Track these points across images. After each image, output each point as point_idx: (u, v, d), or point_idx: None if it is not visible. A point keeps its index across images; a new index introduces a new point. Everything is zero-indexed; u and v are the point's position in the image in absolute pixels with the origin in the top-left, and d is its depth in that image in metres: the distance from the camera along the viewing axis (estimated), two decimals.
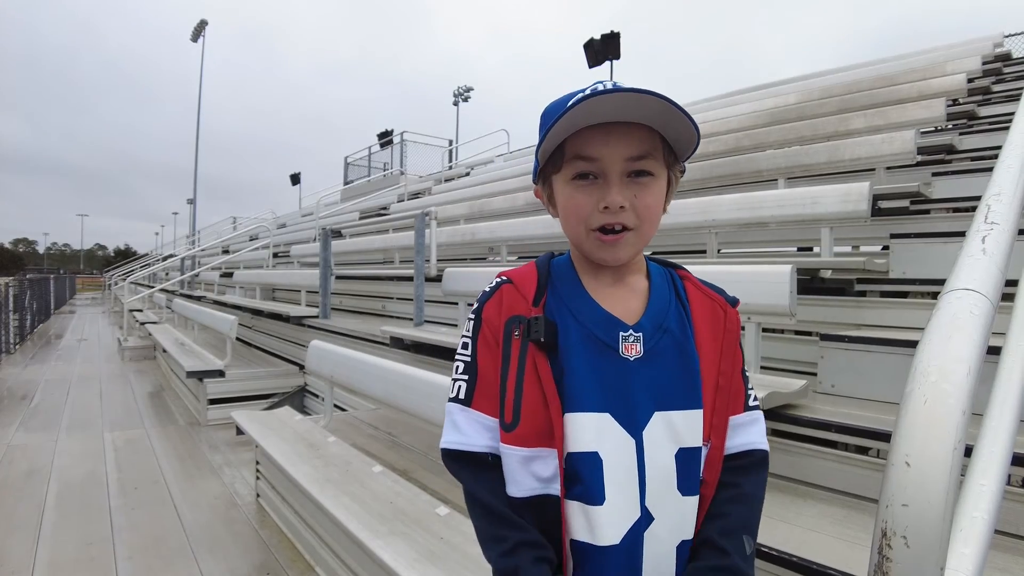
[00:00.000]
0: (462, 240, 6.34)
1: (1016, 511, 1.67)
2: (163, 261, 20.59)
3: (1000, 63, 6.69)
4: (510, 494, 0.82)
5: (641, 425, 0.80)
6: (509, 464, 0.82)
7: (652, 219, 0.84)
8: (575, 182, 0.83)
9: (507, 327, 0.85)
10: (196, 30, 35.26)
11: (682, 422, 0.82)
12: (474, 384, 0.86)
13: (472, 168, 14.62)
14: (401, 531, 2.13)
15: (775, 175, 4.49)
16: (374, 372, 3.24)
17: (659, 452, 0.80)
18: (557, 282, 0.88)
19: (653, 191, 0.83)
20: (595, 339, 0.83)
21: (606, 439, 0.79)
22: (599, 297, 0.86)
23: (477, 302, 0.90)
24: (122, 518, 3.49)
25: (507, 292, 0.88)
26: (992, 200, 0.96)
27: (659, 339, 0.84)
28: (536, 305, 0.85)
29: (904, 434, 0.58)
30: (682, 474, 0.81)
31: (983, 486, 0.84)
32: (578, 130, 0.80)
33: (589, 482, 0.79)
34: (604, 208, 0.80)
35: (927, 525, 0.53)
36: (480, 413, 0.85)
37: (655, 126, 0.80)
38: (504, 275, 0.91)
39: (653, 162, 0.82)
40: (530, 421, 0.80)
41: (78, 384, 7.65)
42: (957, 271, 0.80)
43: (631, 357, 0.82)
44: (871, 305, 2.93)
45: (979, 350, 0.65)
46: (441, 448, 0.87)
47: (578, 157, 0.81)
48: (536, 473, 0.81)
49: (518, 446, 0.81)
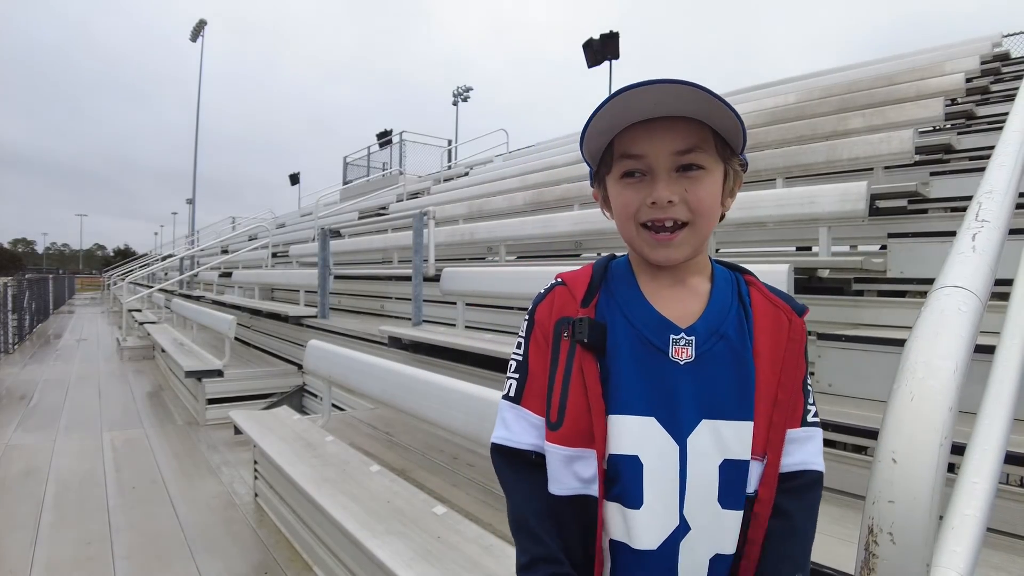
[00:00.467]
0: (461, 240, 6.34)
1: (1012, 510, 1.67)
2: (162, 261, 20.59)
3: (998, 63, 6.69)
4: (552, 492, 0.82)
5: (686, 432, 0.78)
6: (552, 462, 0.82)
7: (707, 213, 0.81)
8: (624, 180, 0.83)
9: (556, 328, 0.85)
10: (195, 30, 35.25)
11: (730, 433, 0.79)
12: (524, 383, 0.87)
13: (471, 168, 14.64)
14: (398, 530, 2.13)
15: (773, 174, 4.49)
16: (372, 372, 3.24)
17: (703, 461, 0.78)
18: (613, 283, 0.88)
19: (706, 184, 0.81)
20: (645, 341, 0.81)
21: (648, 443, 0.78)
22: (655, 299, 0.85)
23: (531, 303, 0.91)
24: (120, 518, 3.49)
25: (559, 294, 0.88)
26: (984, 198, 0.96)
27: (713, 344, 0.81)
28: (586, 306, 0.85)
29: (891, 430, 0.58)
30: (724, 486, 0.78)
31: (975, 484, 0.84)
32: (624, 128, 0.80)
33: (628, 485, 0.78)
34: (652, 204, 0.79)
35: (913, 521, 0.54)
36: (528, 411, 0.86)
37: (700, 118, 0.79)
38: (559, 276, 0.91)
39: (703, 155, 0.80)
40: (574, 422, 0.80)
41: (77, 384, 7.66)
42: (947, 268, 0.80)
43: (681, 361, 0.80)
44: (868, 304, 2.93)
45: (967, 347, 0.65)
46: (491, 442, 0.89)
47: (624, 155, 0.81)
48: (577, 473, 0.81)
49: (561, 445, 0.81)
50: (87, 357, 10.09)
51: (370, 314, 6.79)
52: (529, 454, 0.85)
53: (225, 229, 21.59)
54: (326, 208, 14.88)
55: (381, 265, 8.36)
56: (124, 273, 26.61)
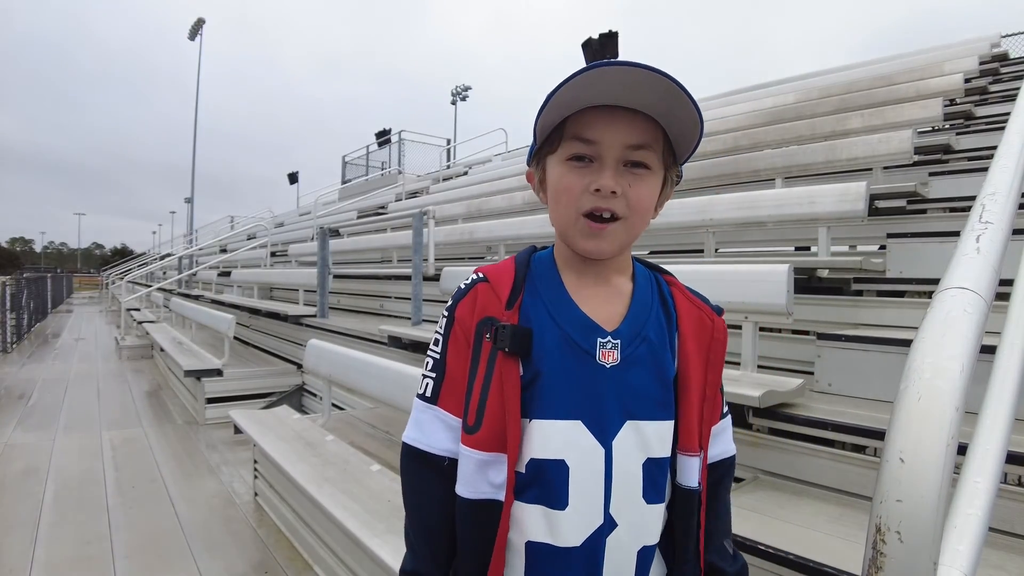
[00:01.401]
0: (460, 239, 6.34)
1: (1013, 509, 1.68)
2: (161, 260, 20.58)
3: (997, 63, 6.71)
4: (460, 494, 0.81)
5: (611, 434, 0.79)
6: (465, 466, 0.81)
7: (642, 212, 0.81)
8: (570, 163, 0.80)
9: (479, 329, 0.83)
10: (193, 29, 35.22)
11: (652, 432, 0.81)
12: (441, 382, 0.85)
13: (470, 167, 14.64)
14: (399, 529, 2.12)
15: (773, 175, 4.50)
16: (372, 371, 3.24)
17: (627, 461, 0.79)
18: (537, 280, 0.86)
19: (648, 184, 0.80)
20: (572, 344, 0.80)
21: (575, 447, 0.78)
22: (579, 298, 0.84)
23: (451, 299, 0.88)
24: (120, 517, 3.49)
25: (481, 291, 0.85)
26: (987, 199, 0.96)
27: (637, 347, 0.82)
28: (510, 308, 0.82)
29: (898, 430, 0.59)
30: (648, 483, 0.80)
31: (978, 483, 0.84)
32: (580, 111, 0.78)
33: (553, 488, 0.78)
34: (595, 191, 0.78)
35: (921, 520, 0.54)
36: (444, 412, 0.84)
37: (659, 117, 0.78)
38: (480, 271, 0.88)
39: (652, 155, 0.79)
40: (491, 427, 0.79)
41: (75, 383, 7.65)
42: (951, 270, 0.81)
43: (608, 364, 0.80)
44: (868, 304, 2.94)
45: (973, 348, 0.65)
46: (402, 441, 0.87)
47: (577, 138, 0.79)
48: (490, 478, 0.80)
49: (477, 449, 0.80)
50: (86, 356, 10.08)
51: (369, 313, 6.79)
52: (441, 460, 0.83)
53: (224, 228, 21.58)
54: (325, 207, 14.88)
55: (380, 264, 8.35)
56: (123, 272, 26.58)
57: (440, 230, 6.36)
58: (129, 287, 18.12)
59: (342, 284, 7.44)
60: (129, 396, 6.94)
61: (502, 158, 14.35)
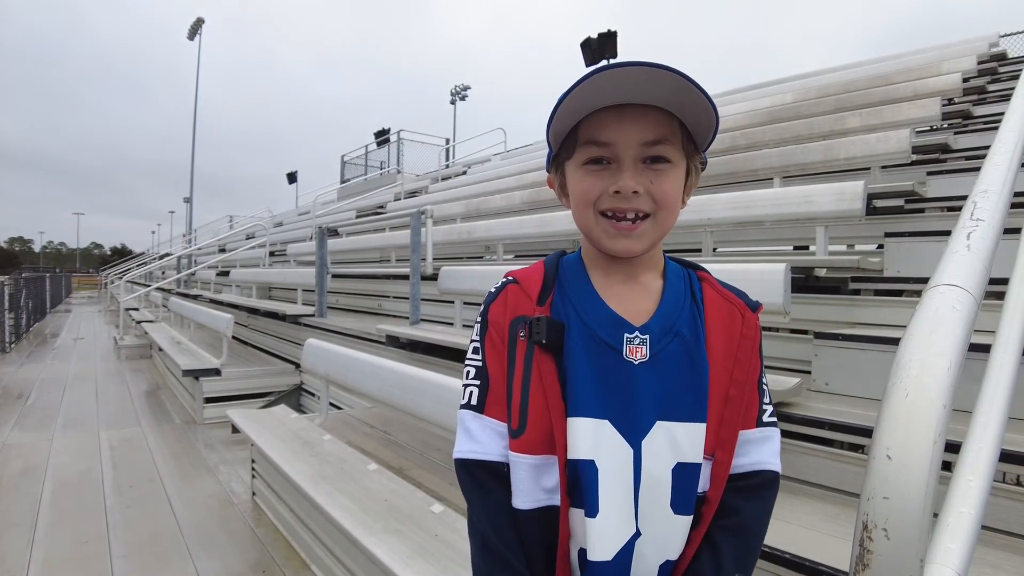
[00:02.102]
0: (458, 239, 6.34)
1: (1009, 508, 1.68)
2: (159, 260, 20.57)
3: (995, 63, 6.70)
4: (516, 506, 0.78)
5: (641, 434, 0.75)
6: (517, 474, 0.78)
7: (670, 207, 0.79)
8: (587, 167, 0.79)
9: (512, 328, 0.81)
10: (193, 28, 35.19)
11: (684, 435, 0.76)
12: (486, 389, 0.82)
13: (469, 167, 14.62)
14: (396, 528, 2.13)
15: (771, 174, 4.50)
16: (370, 371, 3.24)
17: (656, 464, 0.75)
18: (565, 280, 0.84)
19: (671, 177, 0.78)
20: (598, 340, 0.78)
21: (603, 447, 0.75)
22: (607, 296, 0.82)
23: (483, 304, 0.86)
24: (118, 516, 3.49)
25: (512, 292, 0.85)
26: (979, 197, 0.96)
27: (668, 343, 0.79)
28: (541, 304, 0.81)
29: (885, 428, 0.59)
30: (677, 491, 0.76)
31: (971, 482, 0.84)
32: (591, 113, 0.76)
33: (586, 492, 0.75)
34: (615, 192, 0.76)
35: (907, 517, 0.54)
36: (494, 420, 0.81)
37: (672, 110, 0.76)
38: (510, 275, 0.87)
39: (671, 148, 0.77)
40: (536, 426, 0.77)
41: (74, 383, 7.64)
42: (941, 267, 0.81)
43: (636, 361, 0.77)
44: (865, 304, 2.94)
45: (961, 345, 0.65)
46: (455, 459, 0.83)
47: (590, 142, 0.77)
48: (543, 484, 0.77)
49: (526, 453, 0.77)
50: (84, 356, 10.07)
51: (368, 313, 6.78)
52: (500, 466, 0.80)
53: (223, 228, 21.56)
54: (324, 207, 14.88)
55: (379, 264, 8.35)
56: (121, 272, 26.56)
57: (438, 229, 6.36)
58: (128, 287, 18.10)
59: (340, 284, 7.44)
60: (127, 396, 6.94)
61: (501, 158, 14.34)
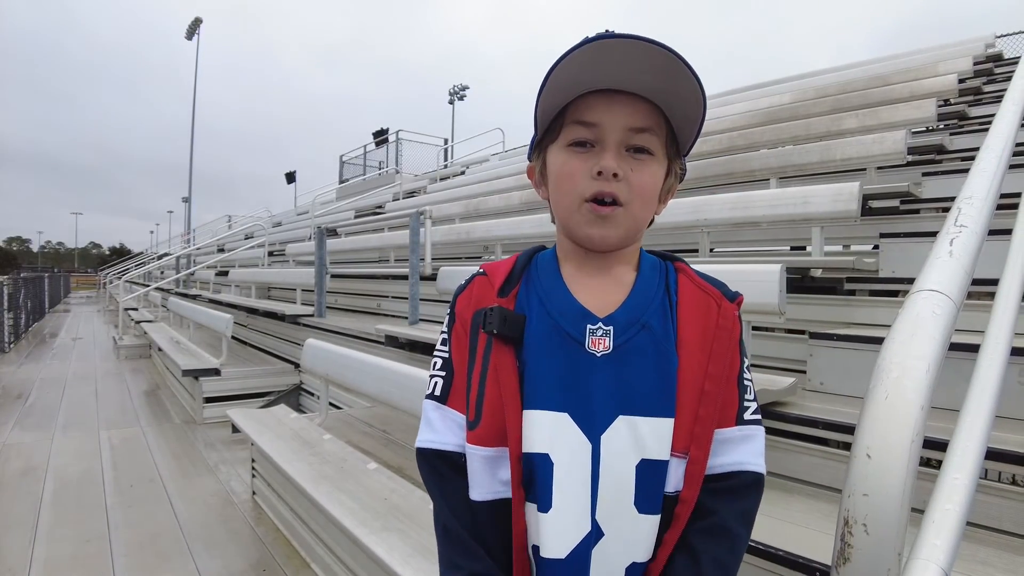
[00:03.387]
0: (457, 239, 6.36)
1: (999, 506, 1.70)
2: (158, 260, 20.56)
3: (991, 64, 6.73)
4: (473, 498, 0.77)
5: (600, 428, 0.73)
6: (473, 464, 0.78)
7: (645, 199, 0.78)
8: (571, 148, 0.77)
9: (474, 320, 0.81)
10: (191, 28, 35.15)
11: (648, 430, 0.73)
12: (450, 381, 0.82)
13: (467, 167, 14.63)
14: (396, 527, 2.15)
15: (767, 175, 4.52)
16: (369, 370, 3.26)
17: (617, 461, 0.73)
18: (536, 272, 0.84)
19: (651, 169, 0.77)
20: (560, 331, 0.77)
21: (560, 441, 0.73)
22: (576, 287, 0.80)
23: (453, 295, 0.86)
24: (118, 516, 3.51)
25: (478, 284, 0.84)
26: (964, 203, 0.98)
27: (634, 335, 0.77)
28: (504, 295, 0.80)
29: (866, 427, 0.61)
30: (641, 489, 0.73)
31: (956, 480, 0.86)
32: (579, 96, 0.76)
33: (539, 486, 0.73)
34: (597, 174, 0.75)
35: (886, 513, 0.56)
36: (454, 411, 0.81)
37: (660, 101, 0.76)
38: (482, 267, 0.87)
39: (654, 139, 0.77)
40: (491, 419, 0.76)
41: (73, 383, 7.65)
42: (924, 272, 0.83)
43: (598, 353, 0.76)
44: (860, 304, 2.96)
45: (940, 348, 0.68)
46: (416, 447, 0.83)
47: (577, 122, 0.76)
48: (499, 475, 0.76)
49: (480, 445, 0.76)
50: (83, 356, 10.08)
51: (367, 313, 6.80)
52: (458, 456, 0.80)
53: (221, 228, 21.56)
54: (322, 207, 14.89)
55: (378, 264, 8.36)
56: (120, 272, 26.54)
57: (437, 230, 6.37)
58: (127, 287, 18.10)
59: (339, 284, 7.45)
60: (127, 396, 6.95)
61: (499, 158, 14.35)
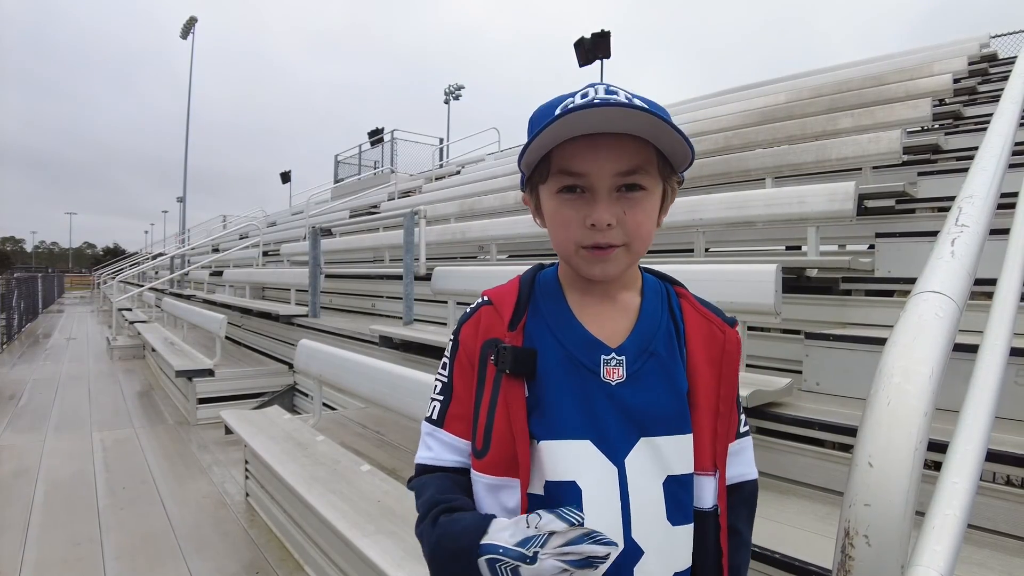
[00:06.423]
0: (452, 239, 6.34)
1: (996, 508, 1.70)
2: (153, 260, 20.48)
3: (986, 63, 6.74)
4: None
5: (623, 452, 0.76)
6: (478, 490, 0.81)
7: (643, 236, 0.79)
8: (561, 195, 0.78)
9: (483, 351, 0.82)
10: (185, 27, 35.04)
11: (670, 448, 0.78)
12: (447, 405, 0.85)
13: (463, 166, 14.61)
14: (388, 530, 2.13)
15: (763, 174, 4.52)
16: (363, 371, 3.24)
17: (644, 480, 0.76)
18: (540, 300, 0.85)
19: (645, 207, 0.78)
20: (575, 362, 0.79)
21: (585, 467, 0.76)
22: (584, 316, 0.82)
23: (457, 323, 0.88)
24: (110, 518, 3.47)
25: (485, 314, 0.85)
26: (964, 203, 0.97)
27: (644, 362, 0.80)
28: (514, 328, 0.82)
29: (868, 435, 0.59)
30: (671, 503, 0.77)
31: (956, 484, 0.84)
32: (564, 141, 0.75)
33: None
34: (591, 225, 0.75)
35: (888, 524, 0.55)
36: (451, 435, 0.84)
37: (647, 137, 0.75)
38: (486, 294, 0.88)
39: (645, 176, 0.77)
40: (499, 449, 0.78)
41: (66, 383, 7.60)
42: (926, 274, 0.81)
43: (613, 382, 0.78)
44: (856, 304, 2.96)
45: (943, 352, 0.66)
46: (415, 463, 0.86)
47: (563, 171, 0.76)
48: (503, 503, 0.79)
49: (487, 474, 0.79)
50: (77, 356, 10.02)
51: (361, 313, 6.78)
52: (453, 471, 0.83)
53: (216, 227, 21.48)
54: (317, 207, 14.85)
55: (372, 264, 8.34)
56: (114, 272, 26.44)
57: (432, 229, 6.35)
58: (121, 287, 18.04)
59: (334, 284, 7.43)
60: (120, 396, 6.91)
61: (495, 157, 14.34)
